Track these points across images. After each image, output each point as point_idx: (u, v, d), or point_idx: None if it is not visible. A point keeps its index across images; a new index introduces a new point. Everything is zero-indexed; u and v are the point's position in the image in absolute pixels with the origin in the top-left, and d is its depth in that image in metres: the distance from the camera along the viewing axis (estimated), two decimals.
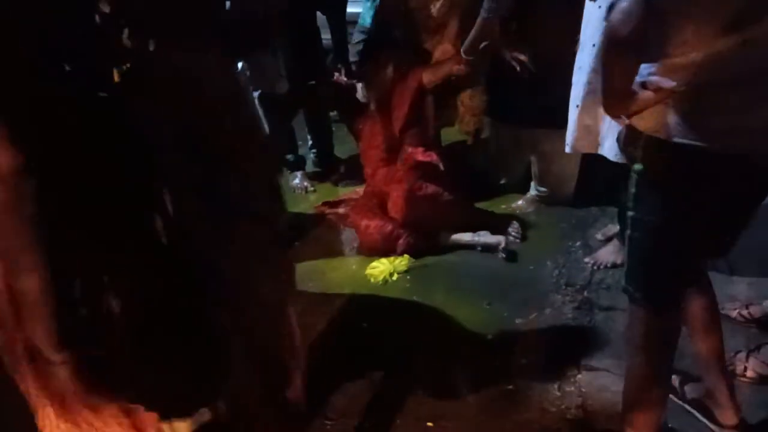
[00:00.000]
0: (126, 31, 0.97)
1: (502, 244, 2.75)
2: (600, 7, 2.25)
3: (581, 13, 2.39)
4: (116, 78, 0.97)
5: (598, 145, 2.37)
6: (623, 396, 1.69)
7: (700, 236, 1.45)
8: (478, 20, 2.75)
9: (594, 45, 2.29)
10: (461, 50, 2.83)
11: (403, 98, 2.87)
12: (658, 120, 1.36)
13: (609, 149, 2.32)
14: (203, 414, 1.13)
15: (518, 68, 2.85)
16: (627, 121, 1.45)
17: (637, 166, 1.45)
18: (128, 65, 0.97)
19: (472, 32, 2.78)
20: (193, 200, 1.06)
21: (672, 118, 1.34)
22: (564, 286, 2.55)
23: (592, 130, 2.39)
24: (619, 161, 2.30)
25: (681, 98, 1.32)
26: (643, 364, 1.61)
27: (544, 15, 2.76)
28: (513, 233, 2.89)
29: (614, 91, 1.38)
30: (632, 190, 1.48)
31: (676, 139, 1.34)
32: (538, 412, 1.96)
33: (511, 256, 2.75)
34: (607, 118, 2.29)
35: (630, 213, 1.50)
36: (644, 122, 1.39)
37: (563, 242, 2.87)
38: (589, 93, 2.36)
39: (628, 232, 1.52)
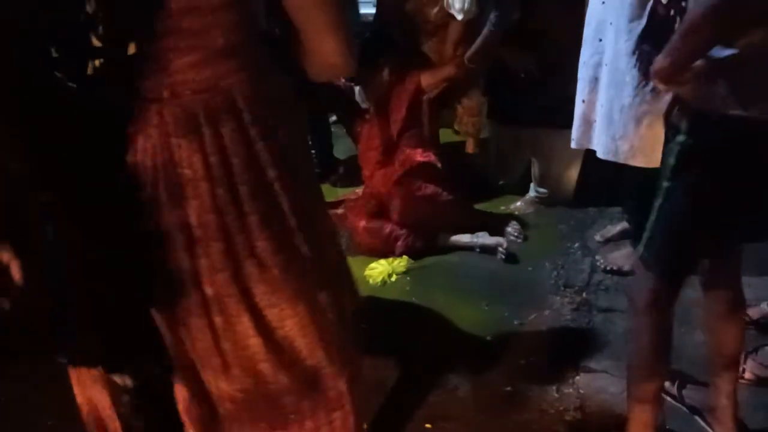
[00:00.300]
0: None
1: (504, 245, 2.75)
2: (603, 3, 2.25)
3: (580, 13, 2.39)
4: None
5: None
6: (627, 368, 1.71)
7: (739, 211, 1.45)
8: (485, 31, 2.75)
9: (601, 40, 2.29)
10: (465, 57, 2.83)
11: (400, 101, 2.87)
12: (708, 91, 1.36)
13: (602, 146, 2.32)
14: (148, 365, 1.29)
15: (523, 74, 2.85)
16: (663, 87, 1.45)
17: (681, 137, 1.45)
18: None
19: (478, 42, 2.78)
20: None
21: (722, 90, 1.34)
22: (563, 288, 2.55)
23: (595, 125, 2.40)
24: (609, 159, 2.31)
25: (731, 70, 1.32)
26: (647, 332, 1.62)
27: (544, 17, 2.77)
28: (514, 233, 2.89)
29: (684, 62, 1.37)
30: (671, 160, 1.48)
31: (726, 111, 1.34)
32: (537, 414, 1.96)
33: (511, 257, 2.75)
34: (600, 113, 2.30)
35: (665, 183, 1.49)
36: (693, 93, 1.40)
37: (562, 244, 2.87)
38: (594, 88, 2.36)
39: (659, 201, 1.51)
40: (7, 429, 2.02)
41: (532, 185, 3.18)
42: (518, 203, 3.18)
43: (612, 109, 2.27)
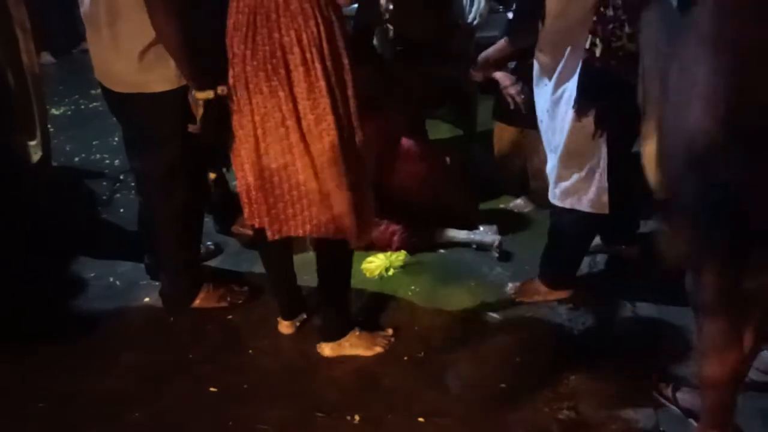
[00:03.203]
0: None
1: (496, 243, 2.74)
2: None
3: None
4: None
5: None
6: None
7: None
8: (502, 42, 2.72)
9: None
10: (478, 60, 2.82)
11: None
12: None
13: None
14: None
15: (512, 105, 2.87)
16: None
17: None
18: None
19: (492, 50, 2.76)
20: None
21: None
22: None
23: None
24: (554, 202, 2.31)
25: None
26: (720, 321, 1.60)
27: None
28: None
29: None
30: None
31: None
32: (531, 412, 1.95)
33: (505, 256, 2.73)
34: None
35: None
36: None
37: None
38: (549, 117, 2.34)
39: None
40: None
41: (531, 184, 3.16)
42: (517, 201, 3.17)
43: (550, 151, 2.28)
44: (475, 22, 3.18)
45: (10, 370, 2.16)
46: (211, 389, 2.07)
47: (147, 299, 2.49)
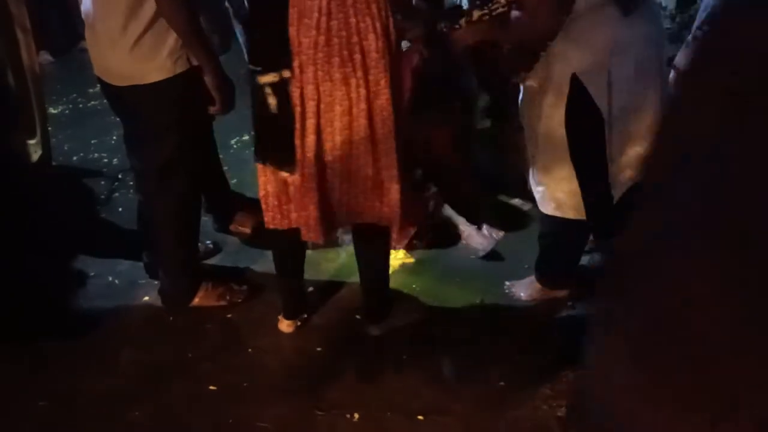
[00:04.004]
0: None
1: (486, 244, 2.72)
2: None
3: None
4: None
5: None
6: None
7: None
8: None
9: None
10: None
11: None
12: None
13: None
14: None
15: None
16: None
17: None
18: None
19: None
20: None
21: None
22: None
23: None
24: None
25: None
26: None
27: None
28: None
29: None
30: None
31: None
32: (530, 410, 1.96)
33: (493, 255, 2.73)
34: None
35: None
36: None
37: None
38: None
39: None
40: None
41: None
42: (516, 199, 3.17)
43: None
44: None
45: (10, 369, 2.16)
46: (211, 388, 2.08)
47: (146, 298, 2.49)
